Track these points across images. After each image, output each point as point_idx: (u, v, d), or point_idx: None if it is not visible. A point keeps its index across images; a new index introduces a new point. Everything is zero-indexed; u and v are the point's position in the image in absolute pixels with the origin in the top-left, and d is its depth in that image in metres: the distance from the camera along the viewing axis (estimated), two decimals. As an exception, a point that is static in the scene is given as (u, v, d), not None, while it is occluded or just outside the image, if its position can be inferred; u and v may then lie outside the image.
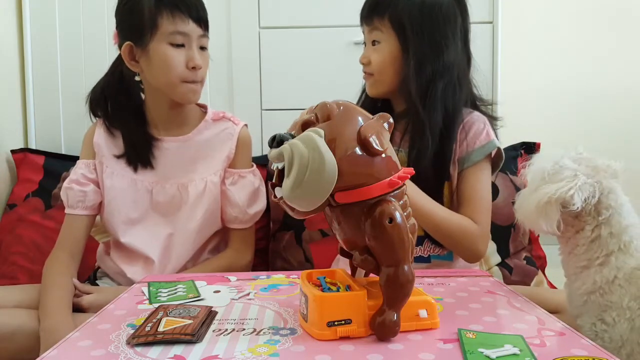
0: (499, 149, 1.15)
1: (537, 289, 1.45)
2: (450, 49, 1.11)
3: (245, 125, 1.31)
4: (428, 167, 1.09)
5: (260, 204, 1.28)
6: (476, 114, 1.17)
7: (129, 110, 1.25)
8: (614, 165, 0.85)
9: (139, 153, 1.23)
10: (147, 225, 1.23)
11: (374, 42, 1.14)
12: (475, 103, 1.20)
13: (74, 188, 1.22)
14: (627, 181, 0.88)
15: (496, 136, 1.17)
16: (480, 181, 1.13)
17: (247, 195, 1.25)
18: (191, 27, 1.14)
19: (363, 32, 1.18)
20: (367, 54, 1.15)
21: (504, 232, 1.56)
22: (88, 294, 1.13)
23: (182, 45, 1.15)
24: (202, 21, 1.16)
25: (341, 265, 1.15)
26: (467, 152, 1.13)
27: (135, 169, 1.23)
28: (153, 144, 1.23)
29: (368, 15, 1.14)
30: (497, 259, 1.56)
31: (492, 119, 1.21)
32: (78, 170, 1.25)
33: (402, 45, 1.11)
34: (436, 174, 1.11)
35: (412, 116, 1.11)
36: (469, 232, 1.07)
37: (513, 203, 0.94)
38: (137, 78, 1.21)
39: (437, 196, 1.11)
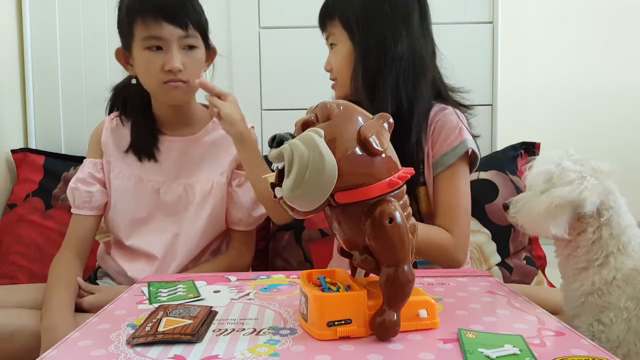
0: (473, 149, 1.10)
1: (536, 288, 1.45)
2: (402, 42, 1.08)
3: (252, 127, 1.30)
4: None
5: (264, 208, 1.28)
6: (449, 110, 1.13)
7: (141, 107, 1.25)
8: (604, 167, 0.85)
9: (144, 144, 1.23)
10: (153, 225, 1.23)
11: (332, 46, 1.15)
12: (444, 94, 1.16)
13: (80, 188, 1.22)
14: (627, 180, 0.88)
15: (469, 129, 1.13)
16: (455, 186, 1.09)
17: (252, 197, 1.25)
18: (167, 30, 1.11)
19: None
20: (328, 60, 1.17)
21: (504, 232, 1.56)
22: (92, 293, 1.14)
23: (161, 48, 1.13)
24: (182, 22, 1.12)
25: (334, 265, 1.14)
26: (440, 155, 1.10)
27: (139, 159, 1.23)
28: (158, 137, 1.24)
29: (322, 21, 1.15)
30: (497, 259, 1.56)
31: (465, 107, 1.17)
32: (85, 169, 1.25)
33: (352, 42, 1.10)
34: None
35: (370, 105, 1.06)
36: (444, 246, 1.06)
37: (505, 208, 0.93)
38: (133, 81, 1.21)
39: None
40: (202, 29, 1.18)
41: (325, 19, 1.14)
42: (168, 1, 1.12)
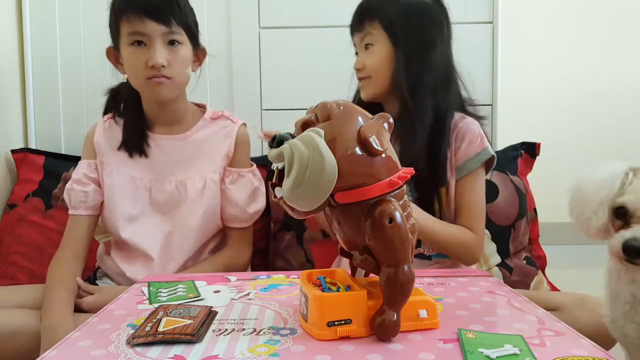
0: (493, 155, 1.19)
1: (535, 292, 1.45)
2: (437, 49, 1.16)
3: (244, 124, 1.31)
4: (421, 168, 1.11)
5: (260, 204, 1.28)
6: (469, 119, 1.20)
7: (132, 106, 1.26)
8: None
9: (134, 140, 1.24)
10: (147, 222, 1.23)
11: (367, 47, 1.18)
12: (464, 105, 1.24)
13: (76, 189, 1.23)
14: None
15: (487, 137, 1.20)
16: (477, 189, 1.18)
17: (246, 194, 1.26)
18: (150, 26, 1.13)
19: (354, 44, 1.23)
20: (361, 59, 1.20)
21: (503, 232, 1.56)
22: (91, 293, 1.14)
23: (145, 45, 1.15)
24: (164, 19, 1.14)
25: (340, 265, 1.16)
26: (464, 160, 1.17)
27: (130, 156, 1.24)
28: (148, 134, 1.25)
29: (359, 22, 1.19)
30: (497, 259, 1.56)
31: (479, 118, 1.24)
32: (80, 170, 1.26)
33: (393, 44, 1.15)
34: (430, 177, 1.15)
35: (403, 112, 1.15)
36: (468, 243, 1.13)
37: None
38: (124, 80, 1.23)
39: (431, 202, 1.15)
40: (188, 27, 1.19)
41: (364, 20, 1.18)
42: None
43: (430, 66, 1.15)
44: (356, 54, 1.23)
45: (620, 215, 0.77)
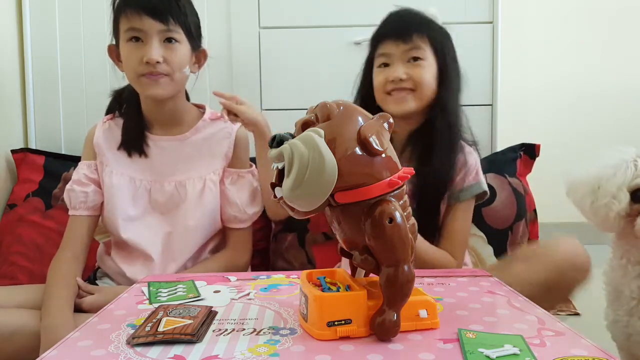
0: (485, 191, 1.22)
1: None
2: (459, 71, 1.22)
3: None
4: (432, 189, 1.16)
5: (259, 204, 1.29)
6: (468, 149, 1.23)
7: (133, 107, 1.26)
8: None
9: (133, 140, 1.24)
10: (147, 223, 1.24)
11: (414, 59, 1.16)
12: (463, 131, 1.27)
13: (76, 189, 1.23)
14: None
15: (482, 172, 1.24)
16: (463, 219, 1.20)
17: (246, 195, 1.26)
18: (147, 23, 1.14)
19: (383, 53, 1.18)
20: (405, 70, 1.15)
21: (500, 235, 1.55)
22: (91, 293, 1.14)
23: (142, 41, 1.15)
24: (162, 16, 1.14)
25: (343, 266, 1.16)
26: (457, 190, 1.20)
27: (129, 155, 1.24)
28: (147, 134, 1.25)
29: (407, 32, 1.16)
30: (494, 262, 1.55)
31: (473, 144, 1.27)
32: (80, 171, 1.26)
33: (440, 64, 1.18)
34: (436, 199, 1.18)
35: (422, 130, 1.18)
36: (448, 267, 1.14)
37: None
38: (125, 79, 1.23)
39: (431, 220, 1.18)
40: (187, 27, 1.18)
41: (412, 32, 1.16)
42: None
43: (458, 89, 1.20)
44: (384, 65, 1.18)
45: (637, 198, 0.78)
